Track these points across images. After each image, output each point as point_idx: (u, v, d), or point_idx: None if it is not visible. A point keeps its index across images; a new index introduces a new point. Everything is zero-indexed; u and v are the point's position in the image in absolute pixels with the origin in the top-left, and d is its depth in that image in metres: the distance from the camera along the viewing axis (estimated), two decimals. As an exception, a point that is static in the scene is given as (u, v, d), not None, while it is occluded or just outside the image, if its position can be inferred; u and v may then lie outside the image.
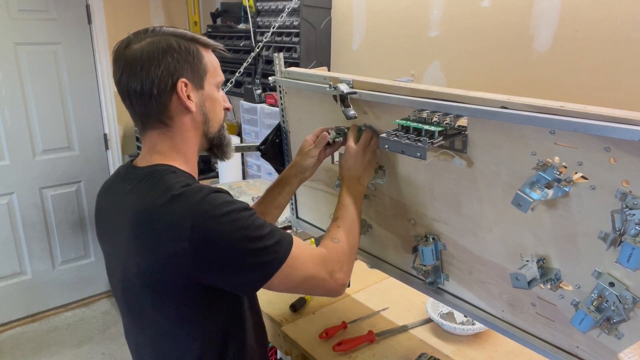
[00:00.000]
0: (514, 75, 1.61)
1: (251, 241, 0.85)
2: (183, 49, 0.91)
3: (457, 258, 1.09)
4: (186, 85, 0.91)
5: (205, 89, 0.96)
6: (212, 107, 0.98)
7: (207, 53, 0.96)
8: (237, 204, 0.87)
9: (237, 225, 0.84)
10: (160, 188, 0.88)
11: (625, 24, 1.32)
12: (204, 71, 0.95)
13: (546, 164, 0.84)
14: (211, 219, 0.83)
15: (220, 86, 1.01)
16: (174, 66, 0.90)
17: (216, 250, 0.83)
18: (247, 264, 0.86)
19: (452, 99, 0.95)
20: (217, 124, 1.00)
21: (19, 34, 2.70)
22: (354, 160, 1.13)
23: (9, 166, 2.84)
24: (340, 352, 1.30)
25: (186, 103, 0.92)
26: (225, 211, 0.84)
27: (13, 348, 2.86)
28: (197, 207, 0.83)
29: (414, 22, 1.88)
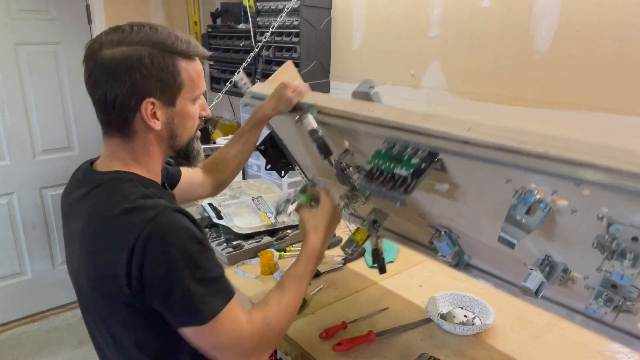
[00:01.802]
0: (514, 75, 1.61)
1: (187, 278, 0.79)
2: (156, 64, 0.84)
3: (472, 244, 1.10)
4: (153, 104, 0.86)
5: (177, 105, 0.90)
6: (183, 123, 0.92)
7: (188, 64, 0.89)
8: (189, 231, 0.81)
9: (181, 254, 0.79)
10: (115, 198, 0.84)
11: (625, 23, 1.32)
12: (177, 88, 0.88)
13: (524, 191, 0.82)
14: (157, 240, 0.78)
15: (199, 96, 0.95)
16: (141, 84, 0.84)
17: (153, 272, 0.78)
18: (173, 298, 0.80)
19: (412, 130, 0.93)
20: (186, 137, 0.95)
21: (19, 34, 2.70)
22: (330, 220, 1.12)
23: (9, 166, 2.84)
24: (340, 352, 1.30)
25: (149, 123, 0.87)
26: (174, 237, 0.79)
27: (13, 348, 2.86)
28: (147, 225, 0.78)
29: (414, 22, 1.88)
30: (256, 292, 1.61)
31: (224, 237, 1.91)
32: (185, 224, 0.82)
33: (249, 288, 1.64)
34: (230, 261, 1.79)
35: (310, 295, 1.57)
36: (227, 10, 2.86)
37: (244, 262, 1.81)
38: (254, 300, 1.56)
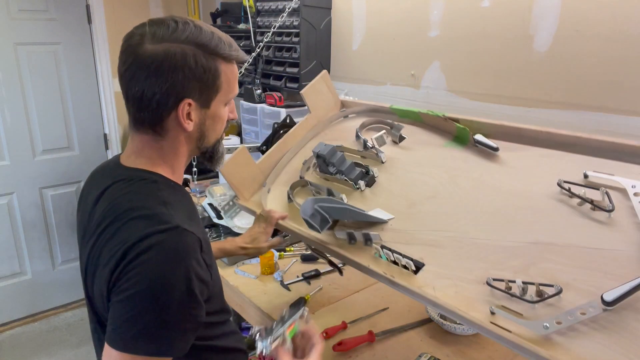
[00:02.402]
0: (514, 75, 1.61)
1: (149, 304, 0.74)
2: (199, 66, 0.83)
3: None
4: (190, 105, 0.85)
5: (212, 108, 0.89)
6: (213, 125, 0.92)
7: (226, 67, 0.88)
8: (187, 263, 0.76)
9: (163, 281, 0.74)
10: (135, 198, 0.83)
11: (625, 23, 1.32)
12: (215, 91, 0.87)
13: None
14: (153, 254, 0.75)
15: (231, 99, 0.94)
16: (182, 85, 0.82)
17: (128, 278, 0.75)
18: (123, 309, 0.75)
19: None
20: (214, 139, 0.95)
21: (19, 34, 2.70)
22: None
23: (9, 166, 2.84)
24: (340, 352, 1.30)
25: (184, 124, 0.85)
26: (169, 261, 0.75)
27: (13, 348, 2.86)
28: (153, 236, 0.76)
29: (414, 22, 1.88)
30: (256, 292, 1.61)
31: (223, 237, 1.91)
32: (186, 252, 0.78)
33: (249, 288, 1.64)
34: (230, 261, 1.79)
35: (310, 295, 1.57)
36: (227, 10, 2.86)
37: (244, 262, 1.81)
38: (254, 300, 1.56)
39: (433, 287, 0.99)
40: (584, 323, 0.80)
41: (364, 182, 1.29)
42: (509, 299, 0.89)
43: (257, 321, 1.57)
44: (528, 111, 1.59)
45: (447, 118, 1.26)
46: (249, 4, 2.49)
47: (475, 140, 1.18)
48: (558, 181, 0.98)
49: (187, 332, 0.80)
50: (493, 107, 1.69)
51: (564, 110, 1.49)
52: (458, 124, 1.24)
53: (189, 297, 0.77)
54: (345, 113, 1.58)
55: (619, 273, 0.82)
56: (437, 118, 1.29)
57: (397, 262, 1.06)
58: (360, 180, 1.30)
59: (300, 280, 1.68)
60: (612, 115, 1.38)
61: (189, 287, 0.77)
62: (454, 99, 1.82)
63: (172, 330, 0.77)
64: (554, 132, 1.07)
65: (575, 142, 1.04)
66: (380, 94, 2.11)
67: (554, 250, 0.91)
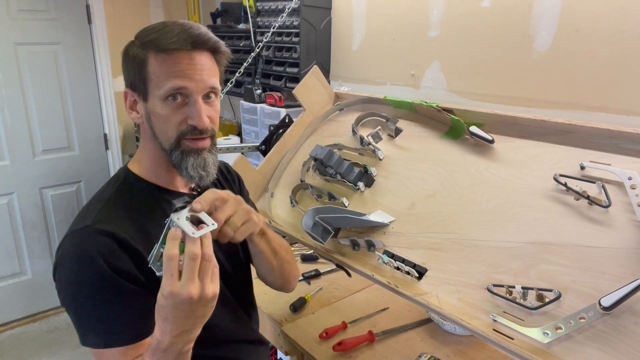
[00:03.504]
0: (514, 75, 1.61)
1: (75, 304, 0.82)
2: (131, 55, 0.84)
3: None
4: (128, 94, 0.88)
5: (149, 101, 0.84)
6: (157, 123, 0.85)
7: (157, 57, 0.81)
8: (92, 261, 0.79)
9: (73, 282, 0.81)
10: (94, 197, 0.91)
11: (626, 23, 1.32)
12: (142, 81, 0.83)
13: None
14: (62, 261, 0.82)
15: (170, 98, 0.83)
16: (124, 73, 0.88)
17: (57, 288, 0.84)
18: (70, 315, 0.84)
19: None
20: (166, 141, 0.85)
21: (19, 34, 2.70)
22: (163, 309, 0.78)
23: (9, 166, 2.84)
24: (340, 352, 1.30)
25: (128, 112, 0.89)
26: (73, 263, 0.80)
27: (13, 348, 2.86)
28: (66, 238, 0.83)
29: (414, 22, 1.88)
30: (256, 292, 1.61)
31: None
32: (91, 251, 0.79)
33: (249, 288, 1.64)
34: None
35: (310, 295, 1.57)
36: (227, 10, 2.86)
37: (244, 262, 1.81)
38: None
39: (437, 295, 0.99)
40: (583, 328, 0.80)
41: (363, 183, 1.29)
42: (509, 305, 0.90)
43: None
44: (528, 111, 1.59)
45: (441, 109, 1.26)
46: (249, 4, 2.49)
47: (470, 132, 1.18)
48: (554, 175, 0.98)
49: (129, 320, 0.81)
50: (493, 107, 1.69)
51: (564, 110, 1.49)
52: (452, 115, 1.24)
53: (111, 291, 0.80)
54: (339, 107, 1.58)
55: (618, 273, 0.82)
56: (431, 109, 1.28)
57: (400, 268, 1.07)
58: (359, 181, 1.30)
59: (300, 280, 1.68)
60: (612, 115, 1.38)
61: (106, 283, 0.79)
62: (454, 98, 1.81)
63: (110, 323, 0.81)
64: (549, 121, 1.06)
65: (570, 129, 1.03)
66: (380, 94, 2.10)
67: (552, 250, 0.91)
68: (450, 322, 0.97)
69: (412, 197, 1.20)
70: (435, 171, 1.21)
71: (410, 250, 1.10)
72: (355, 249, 1.18)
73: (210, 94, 0.86)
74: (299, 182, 1.41)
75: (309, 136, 1.56)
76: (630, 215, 0.86)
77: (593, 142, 1.00)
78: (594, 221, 0.90)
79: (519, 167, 1.08)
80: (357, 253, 1.18)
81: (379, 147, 1.34)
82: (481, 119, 1.21)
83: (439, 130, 1.30)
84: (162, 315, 0.71)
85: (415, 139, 1.34)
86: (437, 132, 1.30)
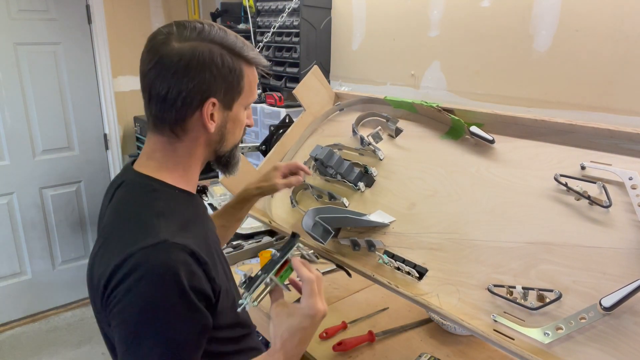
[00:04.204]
0: (514, 75, 1.61)
1: (142, 325, 0.73)
2: (226, 66, 0.83)
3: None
4: (214, 105, 0.84)
5: (233, 110, 0.88)
6: (233, 129, 0.91)
7: (249, 70, 0.88)
8: (174, 278, 0.73)
9: (151, 301, 0.73)
10: (131, 207, 0.83)
11: (626, 23, 1.32)
12: (238, 93, 0.87)
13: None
14: (139, 273, 0.73)
15: (251, 104, 0.94)
16: (209, 83, 0.81)
17: (118, 300, 0.74)
18: (120, 334, 0.75)
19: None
20: (232, 144, 0.94)
21: (19, 34, 2.70)
22: (303, 330, 0.81)
23: (9, 166, 2.84)
24: (340, 352, 1.30)
25: (207, 123, 0.84)
26: (154, 279, 0.73)
27: (13, 348, 2.86)
28: (140, 252, 0.74)
29: (414, 22, 1.88)
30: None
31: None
32: (174, 268, 0.74)
33: (249, 288, 1.64)
34: (230, 261, 1.79)
35: (310, 296, 1.57)
36: (227, 10, 2.86)
37: (244, 262, 1.81)
38: (254, 300, 1.56)
39: (437, 295, 0.99)
40: (584, 329, 0.80)
41: (364, 184, 1.29)
42: (510, 306, 0.90)
43: (257, 322, 1.57)
44: (528, 111, 1.59)
45: (441, 109, 1.26)
46: (249, 4, 2.48)
47: (471, 132, 1.18)
48: (555, 175, 0.98)
49: (195, 344, 0.78)
50: (493, 107, 1.69)
51: (564, 110, 1.49)
52: (453, 115, 1.24)
53: (189, 311, 0.76)
54: (340, 107, 1.58)
55: (618, 273, 0.82)
56: (431, 109, 1.28)
57: (400, 268, 1.07)
58: (359, 181, 1.30)
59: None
60: (612, 115, 1.38)
61: (186, 302, 0.75)
62: (454, 98, 1.81)
63: (177, 346, 0.75)
64: (549, 121, 1.06)
65: (571, 129, 1.03)
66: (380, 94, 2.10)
67: (552, 250, 0.91)
68: (451, 322, 0.97)
69: (413, 197, 1.20)
70: (435, 171, 1.21)
71: (410, 250, 1.10)
72: (356, 249, 1.18)
73: None
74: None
75: (309, 136, 1.56)
76: (631, 216, 0.86)
77: (593, 142, 1.00)
78: (595, 221, 0.90)
79: (519, 167, 1.08)
80: (357, 253, 1.18)
81: (379, 147, 1.34)
82: (481, 119, 1.21)
83: (439, 130, 1.30)
84: (301, 336, 0.80)
85: (416, 139, 1.34)
86: (438, 132, 1.30)
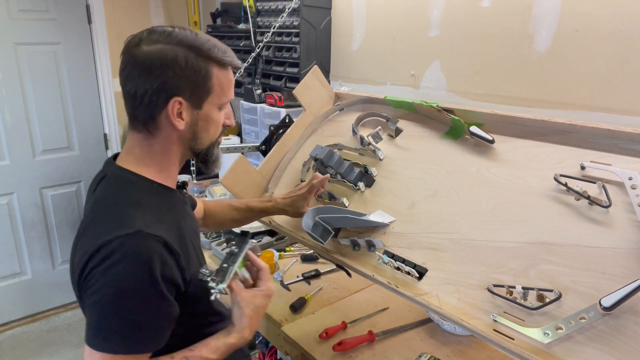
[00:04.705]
0: (514, 75, 1.61)
1: (111, 305, 0.80)
2: (189, 66, 0.87)
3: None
4: (180, 104, 0.88)
5: (203, 109, 0.92)
6: (206, 127, 0.94)
7: (220, 72, 0.91)
8: (147, 266, 0.80)
9: (122, 284, 0.79)
10: (110, 199, 0.89)
11: (626, 23, 1.32)
12: (206, 92, 0.90)
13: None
14: (113, 260, 0.79)
15: (226, 104, 0.97)
16: (173, 82, 0.86)
17: (93, 283, 0.81)
18: (91, 312, 0.82)
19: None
20: (208, 142, 0.96)
21: (19, 34, 2.70)
22: (263, 308, 0.99)
23: (9, 166, 2.84)
24: (340, 352, 1.30)
25: (173, 122, 0.89)
26: (127, 265, 0.79)
27: (13, 348, 2.86)
28: (114, 241, 0.80)
29: (414, 22, 1.88)
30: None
31: (224, 237, 1.91)
32: (147, 257, 0.81)
33: (249, 288, 1.64)
34: (230, 261, 1.79)
35: (310, 295, 1.57)
36: (227, 10, 2.86)
37: (244, 262, 1.81)
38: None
39: (437, 295, 0.99)
40: (584, 329, 0.80)
41: (364, 184, 1.29)
42: (510, 305, 0.90)
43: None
44: (528, 111, 1.59)
45: (441, 109, 1.26)
46: (249, 4, 2.49)
47: (471, 132, 1.18)
48: (555, 175, 0.98)
49: (158, 329, 0.85)
50: (493, 107, 1.69)
51: (564, 110, 1.49)
52: (452, 115, 1.24)
53: (156, 298, 0.82)
54: (340, 107, 1.58)
55: (618, 273, 0.82)
56: (431, 109, 1.28)
57: (400, 268, 1.07)
58: (359, 181, 1.30)
59: (300, 280, 1.68)
60: (612, 115, 1.38)
61: (155, 289, 0.81)
62: (454, 98, 1.81)
63: (142, 329, 0.82)
64: (549, 121, 1.06)
65: (571, 129, 1.03)
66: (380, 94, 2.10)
67: (552, 250, 0.91)
68: (451, 322, 0.97)
69: (412, 197, 1.20)
70: (435, 171, 1.21)
71: (410, 250, 1.10)
72: (356, 249, 1.18)
73: None
74: (299, 182, 1.42)
75: (309, 136, 1.56)
76: (631, 216, 0.86)
77: (593, 142, 1.00)
78: (595, 221, 0.90)
79: (519, 167, 1.08)
80: (357, 253, 1.18)
81: (379, 147, 1.34)
82: (481, 119, 1.21)
83: (439, 130, 1.30)
84: (260, 314, 0.98)
85: (416, 139, 1.34)
86: (437, 132, 1.30)
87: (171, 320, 0.87)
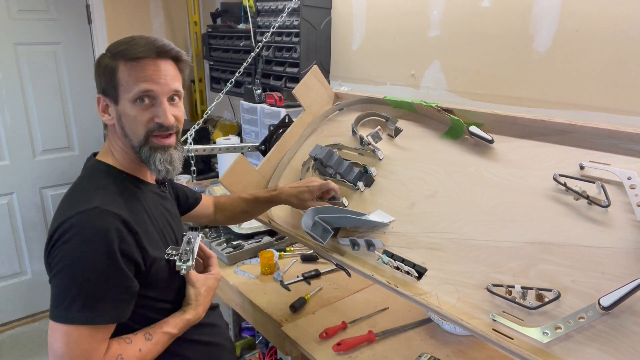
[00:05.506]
0: (514, 75, 1.61)
1: (71, 275, 0.86)
2: (102, 65, 0.96)
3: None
4: (103, 100, 0.98)
5: (120, 104, 0.96)
6: (128, 124, 0.97)
7: (126, 65, 0.94)
8: (104, 238, 0.86)
9: (80, 255, 0.85)
10: (81, 183, 0.98)
11: (626, 23, 1.32)
12: (113, 87, 0.96)
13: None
14: (71, 233, 0.86)
15: (138, 100, 0.95)
16: (96, 82, 0.99)
17: (55, 257, 0.88)
18: (53, 284, 0.90)
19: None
20: (136, 140, 0.98)
21: (19, 34, 2.70)
22: (214, 289, 1.10)
23: (9, 166, 2.84)
24: (340, 352, 1.30)
25: (101, 116, 1.00)
26: (84, 237, 0.85)
27: (13, 348, 2.86)
28: (73, 216, 0.87)
29: (414, 22, 1.88)
30: (256, 292, 1.62)
31: (224, 237, 1.91)
32: (104, 230, 0.86)
33: (248, 288, 1.64)
34: (230, 261, 1.79)
35: (310, 295, 1.57)
36: (227, 10, 2.86)
37: (244, 262, 1.81)
38: (254, 300, 1.56)
39: (436, 295, 0.99)
40: (582, 328, 0.80)
41: (363, 183, 1.29)
42: (509, 305, 0.90)
43: (256, 321, 1.58)
44: (528, 111, 1.59)
45: (440, 109, 1.26)
46: (249, 4, 2.49)
47: (470, 132, 1.18)
48: (554, 175, 0.98)
49: (117, 302, 0.89)
50: (493, 107, 1.69)
51: (564, 110, 1.49)
52: (452, 115, 1.24)
53: (113, 270, 0.87)
54: (339, 106, 1.58)
55: (617, 273, 0.82)
56: (430, 109, 1.28)
57: (399, 268, 1.07)
58: (359, 181, 1.30)
59: (300, 280, 1.68)
60: (612, 115, 1.38)
61: (111, 261, 0.86)
62: (454, 98, 1.81)
63: (100, 300, 0.86)
64: (549, 121, 1.06)
65: (570, 129, 1.03)
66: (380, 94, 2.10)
67: (551, 250, 0.91)
68: (450, 322, 0.97)
69: (412, 197, 1.20)
70: (435, 171, 1.21)
71: (409, 250, 1.10)
72: (355, 249, 1.19)
73: (174, 97, 0.99)
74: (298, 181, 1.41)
75: (309, 136, 1.56)
76: (630, 215, 0.86)
77: (593, 142, 1.00)
78: (594, 221, 0.90)
79: (518, 167, 1.08)
80: (356, 253, 1.18)
81: (378, 147, 1.34)
82: (481, 119, 1.21)
83: (439, 130, 1.30)
84: (211, 294, 1.08)
85: (415, 139, 1.34)
86: (437, 132, 1.30)
87: (130, 294, 0.91)
